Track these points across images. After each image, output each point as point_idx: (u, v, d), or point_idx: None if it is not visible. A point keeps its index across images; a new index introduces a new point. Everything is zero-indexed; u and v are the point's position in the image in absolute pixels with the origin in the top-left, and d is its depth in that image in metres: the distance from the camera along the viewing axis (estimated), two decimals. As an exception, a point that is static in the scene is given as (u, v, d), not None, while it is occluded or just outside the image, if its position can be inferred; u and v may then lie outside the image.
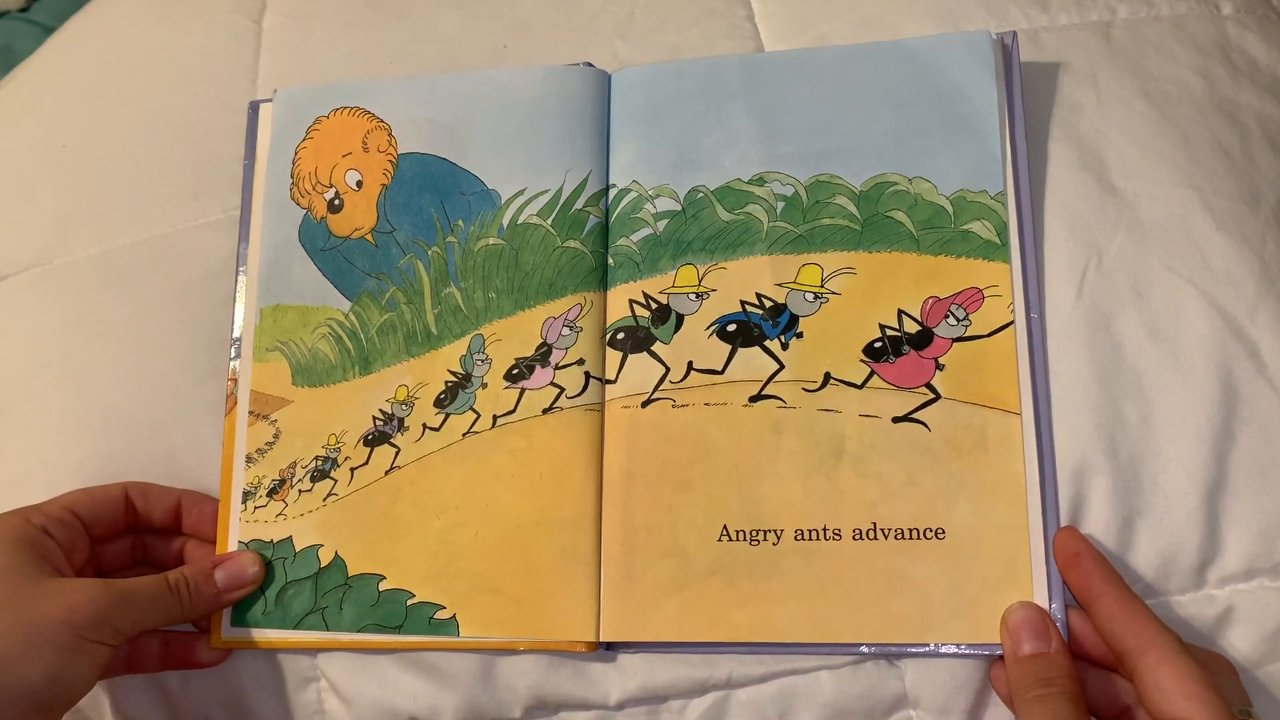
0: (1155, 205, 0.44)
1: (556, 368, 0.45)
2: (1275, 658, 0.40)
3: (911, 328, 0.43)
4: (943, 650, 0.40)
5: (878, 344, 0.43)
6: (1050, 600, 0.40)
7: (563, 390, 0.45)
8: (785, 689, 0.42)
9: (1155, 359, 0.42)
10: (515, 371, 0.46)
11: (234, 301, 0.50)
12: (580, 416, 0.45)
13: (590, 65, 0.49)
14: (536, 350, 0.46)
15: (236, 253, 0.51)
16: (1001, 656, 0.40)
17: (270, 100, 0.52)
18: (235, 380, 0.49)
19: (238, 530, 0.47)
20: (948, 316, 0.43)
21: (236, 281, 0.50)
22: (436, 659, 0.44)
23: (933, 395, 0.42)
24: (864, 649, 0.41)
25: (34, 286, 0.53)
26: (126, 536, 0.47)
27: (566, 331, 0.46)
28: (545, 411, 0.45)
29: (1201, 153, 0.45)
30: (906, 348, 0.43)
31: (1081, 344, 0.42)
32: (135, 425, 0.49)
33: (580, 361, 0.45)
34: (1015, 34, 0.45)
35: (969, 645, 0.40)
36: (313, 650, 0.45)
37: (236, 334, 0.49)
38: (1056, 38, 0.48)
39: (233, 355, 0.49)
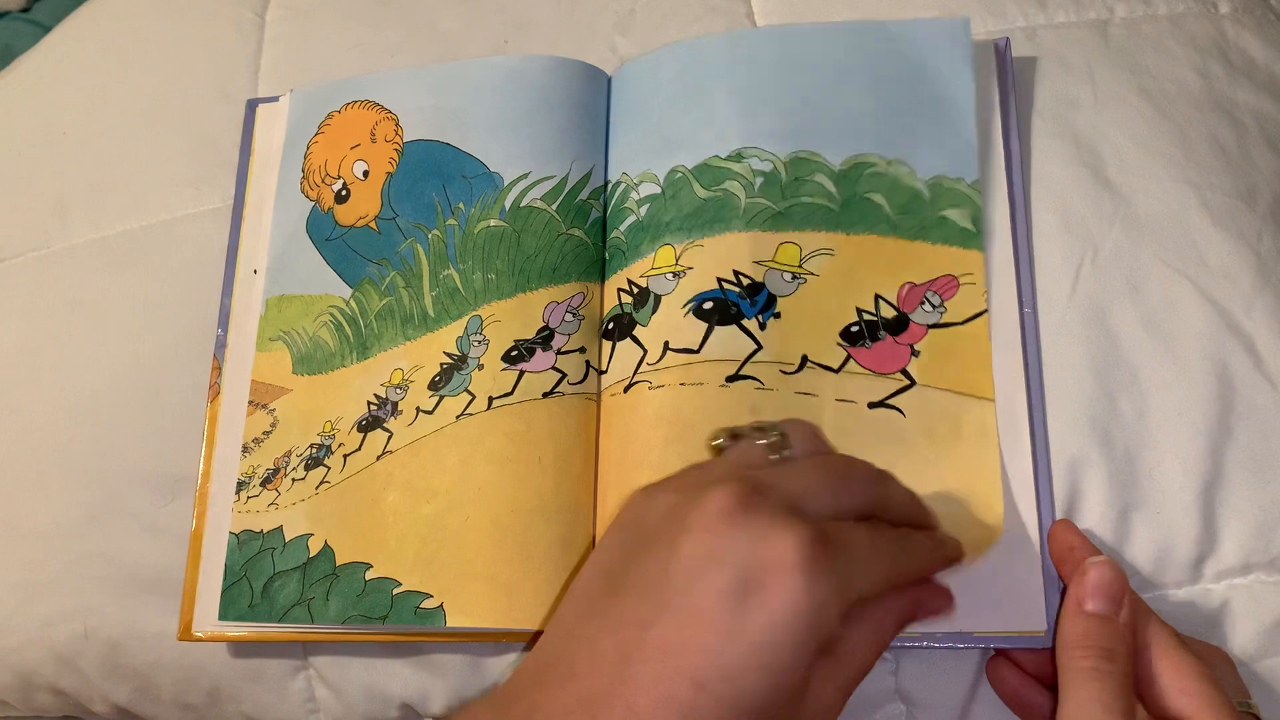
0: (1151, 200, 0.44)
1: (559, 353, 0.45)
2: (1273, 652, 0.40)
3: (888, 313, 0.43)
4: (934, 644, 0.40)
5: (854, 328, 0.43)
6: (1046, 594, 0.39)
7: (564, 375, 0.45)
8: (777, 682, 0.42)
9: (1151, 353, 0.42)
10: (514, 353, 0.45)
11: (221, 295, 0.50)
12: (580, 404, 0.44)
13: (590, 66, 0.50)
14: (538, 333, 0.45)
15: (228, 247, 0.50)
16: (992, 654, 0.39)
17: (269, 100, 0.52)
18: (219, 370, 0.48)
19: (228, 521, 0.46)
20: (923, 303, 0.43)
21: (226, 274, 0.50)
22: (426, 645, 0.44)
23: (908, 382, 0.42)
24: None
25: (30, 270, 0.53)
26: None
27: (569, 318, 0.45)
28: (546, 395, 0.44)
29: (1198, 149, 0.45)
30: (883, 333, 0.43)
31: (1077, 338, 0.42)
32: (126, 410, 0.49)
33: (582, 350, 0.45)
34: (1008, 39, 0.46)
35: (959, 636, 0.39)
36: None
37: (221, 328, 0.49)
38: (1054, 35, 0.48)
39: (217, 346, 0.49)
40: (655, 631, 0.30)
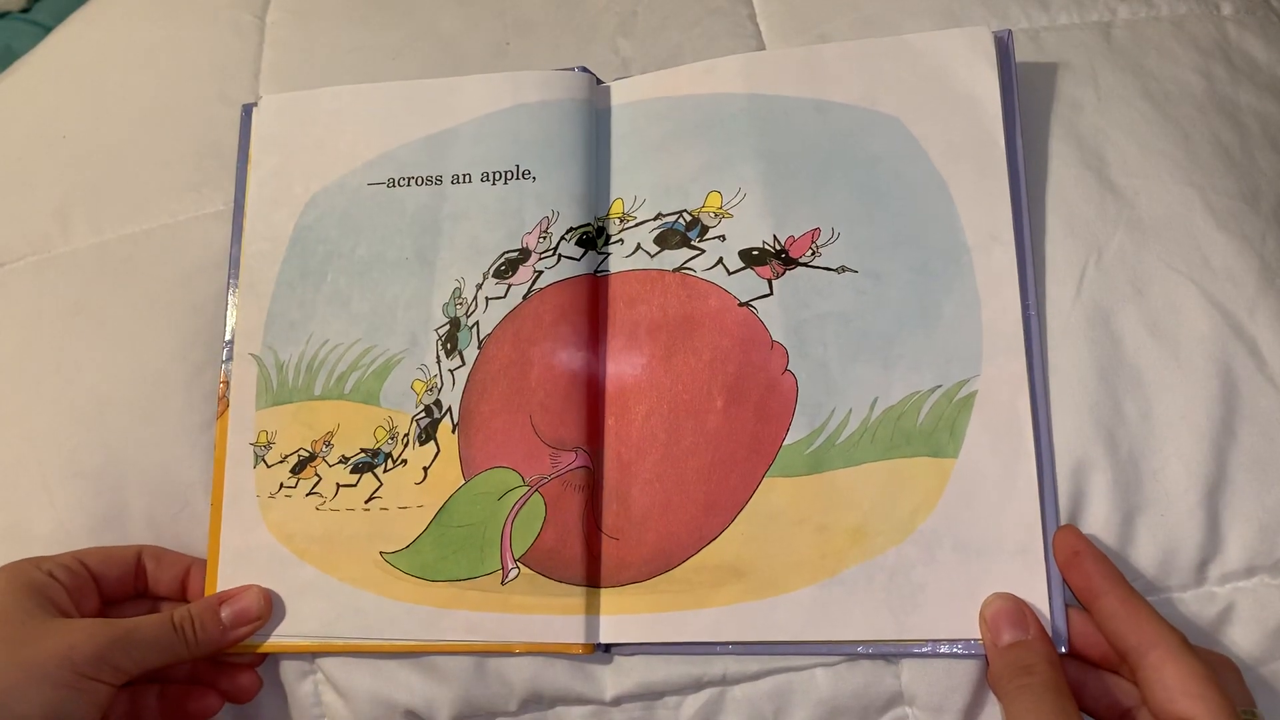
0: (1155, 203, 0.44)
1: None
2: (1277, 656, 0.40)
3: None
4: (940, 650, 0.40)
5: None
6: (1051, 599, 0.39)
7: None
8: (781, 685, 0.42)
9: (1155, 356, 0.42)
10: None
11: (226, 305, 0.49)
12: None
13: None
14: None
15: (229, 256, 0.50)
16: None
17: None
18: (227, 383, 0.48)
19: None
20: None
21: (229, 285, 0.49)
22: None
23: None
24: (860, 648, 0.41)
25: (32, 275, 0.53)
26: (138, 601, 0.46)
27: None
28: None
29: (1202, 151, 0.45)
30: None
31: (1081, 340, 0.42)
32: (129, 415, 0.48)
33: None
34: (1009, 31, 0.45)
35: (965, 644, 0.40)
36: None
37: (229, 337, 0.49)
38: (1057, 37, 0.48)
39: (225, 358, 0.48)
40: None
